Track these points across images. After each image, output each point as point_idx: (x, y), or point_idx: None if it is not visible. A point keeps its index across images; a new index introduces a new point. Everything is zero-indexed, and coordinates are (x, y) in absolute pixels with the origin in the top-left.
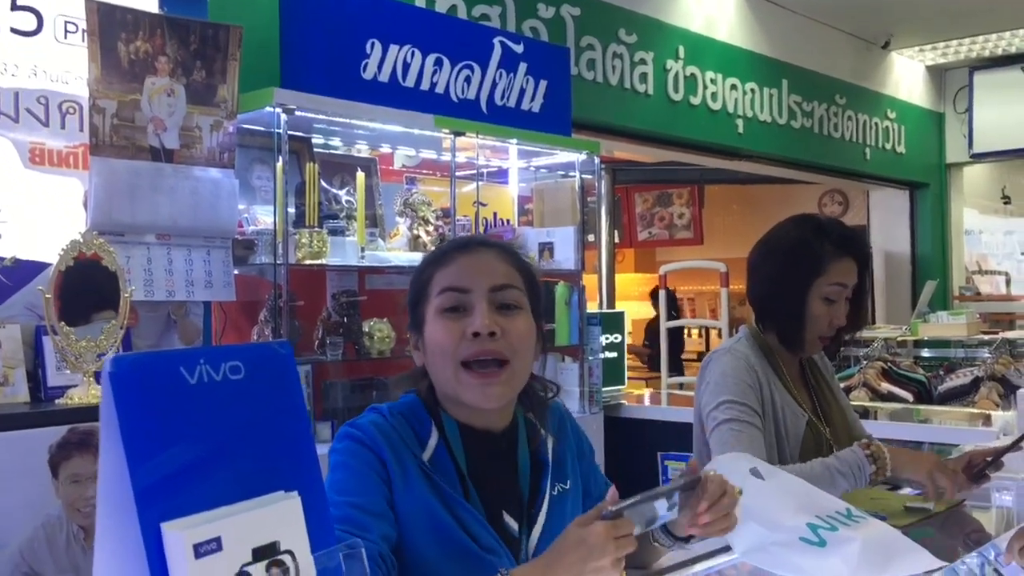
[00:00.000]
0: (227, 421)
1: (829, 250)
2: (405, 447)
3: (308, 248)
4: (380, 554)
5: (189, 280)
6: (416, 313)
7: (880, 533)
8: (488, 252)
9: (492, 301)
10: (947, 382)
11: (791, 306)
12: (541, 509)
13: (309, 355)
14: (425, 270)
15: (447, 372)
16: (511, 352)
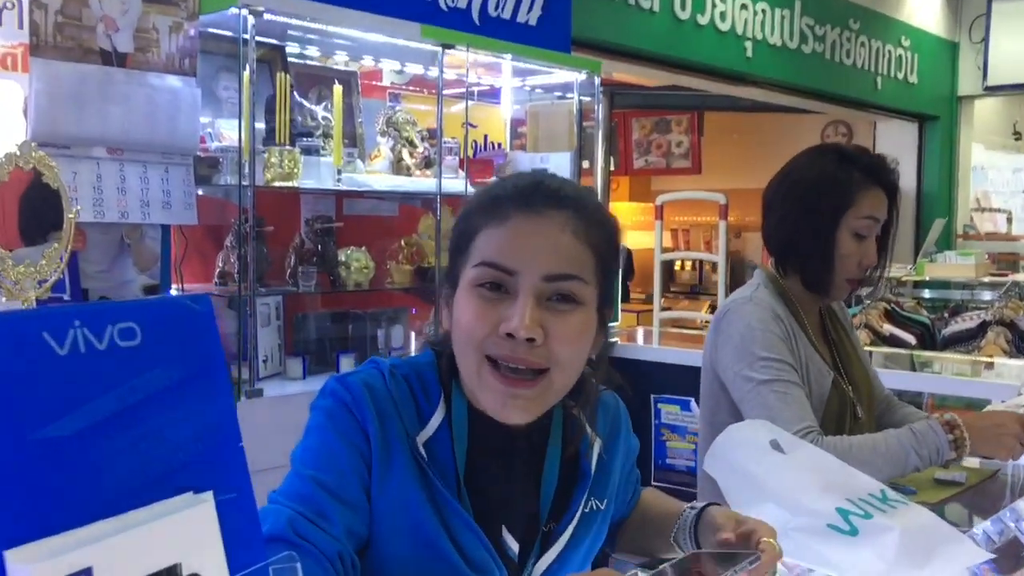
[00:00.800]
0: (113, 404)
1: (858, 179)
2: (399, 422)
3: (278, 168)
4: (340, 554)
5: (144, 200)
6: (453, 266)
7: (920, 521)
8: (557, 217)
9: (542, 293)
10: (952, 325)
11: (818, 245)
12: (566, 529)
13: (280, 285)
14: (471, 216)
15: (468, 360)
16: (552, 363)
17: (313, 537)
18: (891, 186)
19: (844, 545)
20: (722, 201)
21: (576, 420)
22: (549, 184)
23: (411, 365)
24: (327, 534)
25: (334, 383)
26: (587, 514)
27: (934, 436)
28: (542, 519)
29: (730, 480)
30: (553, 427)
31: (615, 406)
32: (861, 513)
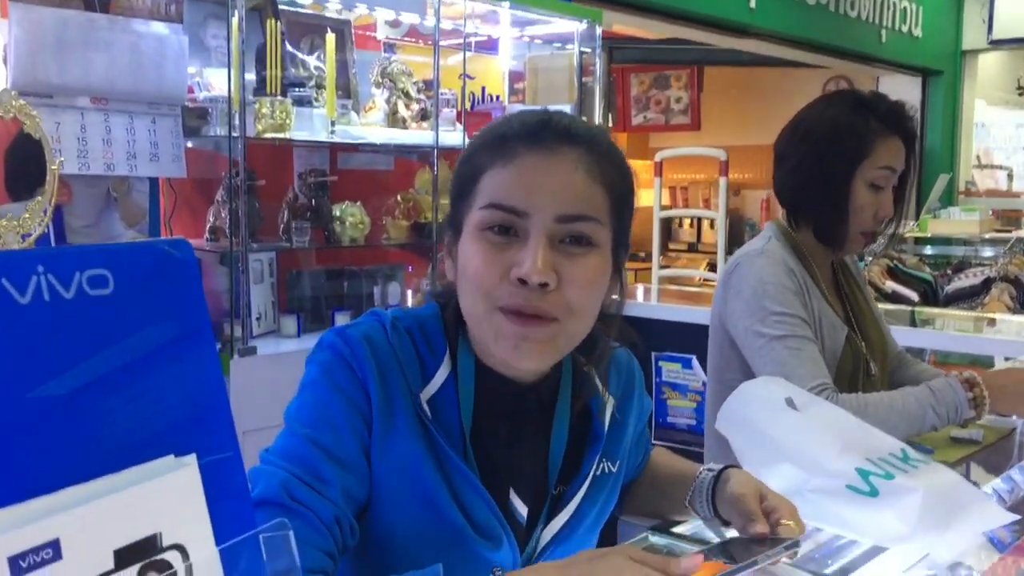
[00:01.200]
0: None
1: (875, 128)
2: (401, 378)
3: (269, 120)
4: (337, 518)
5: (131, 152)
6: (456, 211)
7: (943, 481)
8: (569, 154)
9: (555, 235)
10: (955, 282)
11: (832, 197)
12: (577, 493)
13: (273, 241)
14: (475, 156)
15: (477, 310)
16: (564, 310)
17: (308, 501)
18: (909, 134)
19: (864, 507)
20: (723, 157)
21: (587, 377)
22: (559, 121)
23: (414, 317)
24: (323, 497)
25: (332, 335)
26: (598, 477)
27: (953, 394)
28: (551, 482)
29: (743, 439)
30: (563, 384)
31: (628, 363)
32: (882, 473)
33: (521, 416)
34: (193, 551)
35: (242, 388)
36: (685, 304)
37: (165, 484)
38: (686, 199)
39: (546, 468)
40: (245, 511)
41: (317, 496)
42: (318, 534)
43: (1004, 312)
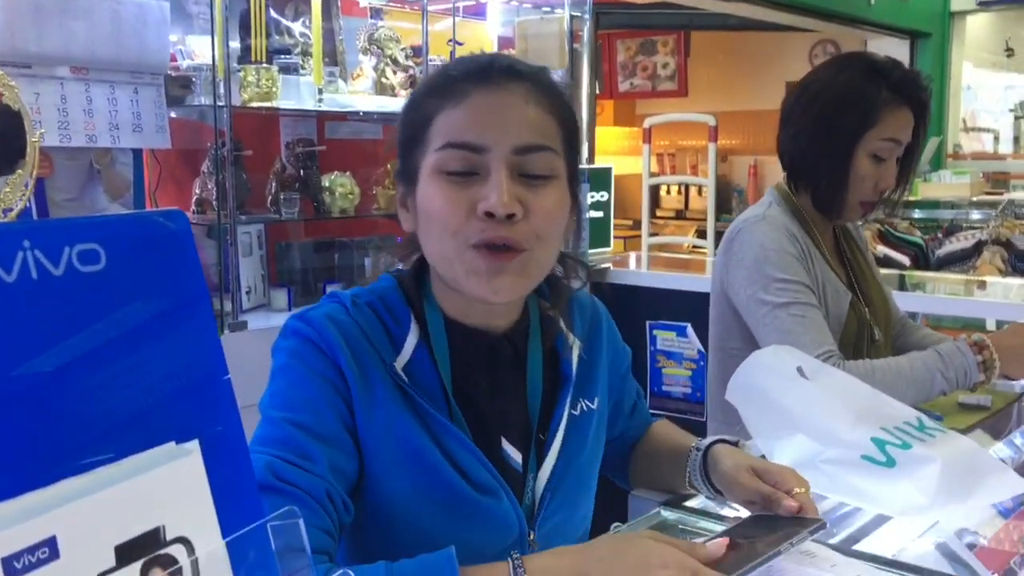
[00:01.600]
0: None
1: (886, 97)
2: (372, 351)
3: (255, 88)
4: (328, 493)
5: (113, 123)
6: (408, 160)
7: (961, 450)
8: (517, 88)
9: (515, 166)
10: (946, 246)
11: (833, 164)
12: (557, 433)
13: (261, 212)
14: (423, 103)
15: (446, 253)
16: (532, 240)
17: (296, 479)
18: (921, 105)
19: (881, 478)
20: (712, 123)
21: (552, 320)
22: (502, 60)
23: (372, 292)
24: (311, 474)
25: (294, 321)
26: (577, 417)
27: (961, 358)
28: (533, 427)
29: (754, 410)
30: (532, 329)
31: (591, 306)
32: (898, 443)
33: (498, 365)
34: (199, 544)
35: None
36: (678, 272)
37: (167, 473)
38: (673, 166)
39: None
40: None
41: (305, 474)
42: (312, 513)
43: (996, 275)
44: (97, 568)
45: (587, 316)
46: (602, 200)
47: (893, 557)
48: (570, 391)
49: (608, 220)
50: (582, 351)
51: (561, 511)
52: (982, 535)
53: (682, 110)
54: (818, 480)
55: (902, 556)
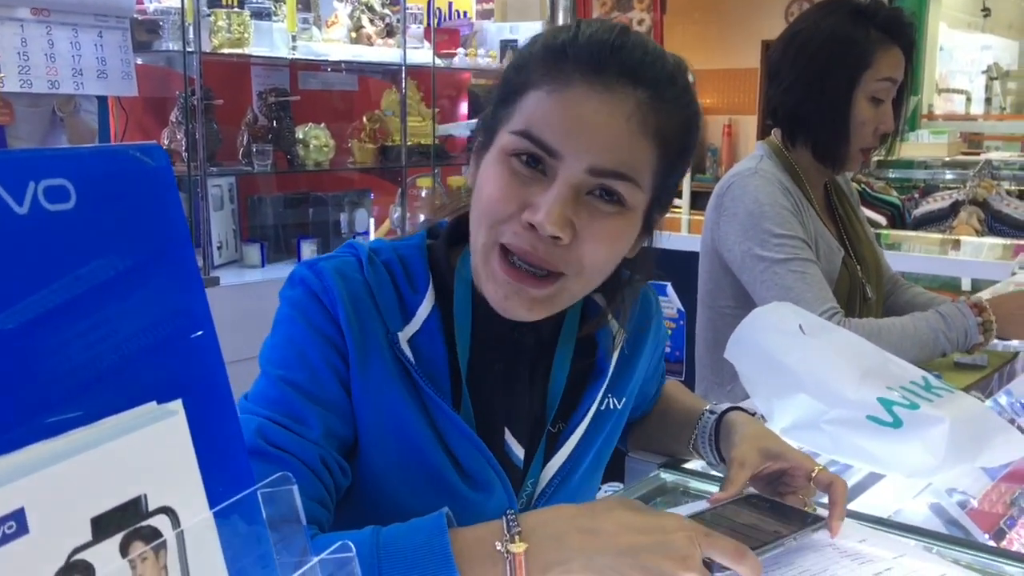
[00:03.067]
0: (42, 287)
1: (875, 37)
2: (377, 318)
3: (226, 33)
4: (322, 459)
5: (77, 68)
6: (492, 118)
7: (969, 410)
8: (627, 99)
9: (583, 186)
10: (923, 206)
11: (833, 112)
12: (578, 427)
13: (232, 165)
14: (527, 68)
15: (479, 240)
16: (572, 267)
17: (288, 444)
18: (909, 42)
19: (888, 438)
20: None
21: (597, 307)
22: (631, 52)
23: (395, 249)
24: (304, 439)
25: (303, 269)
26: (601, 412)
27: (962, 319)
28: (549, 419)
29: (755, 369)
30: (568, 315)
31: (644, 296)
32: (905, 403)
33: (518, 351)
34: (184, 514)
35: None
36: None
37: (148, 436)
38: None
39: (544, 404)
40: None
41: (297, 439)
42: (304, 480)
43: (972, 235)
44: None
45: (638, 308)
46: None
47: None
48: (603, 386)
49: None
50: (625, 346)
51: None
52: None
53: None
54: (821, 441)
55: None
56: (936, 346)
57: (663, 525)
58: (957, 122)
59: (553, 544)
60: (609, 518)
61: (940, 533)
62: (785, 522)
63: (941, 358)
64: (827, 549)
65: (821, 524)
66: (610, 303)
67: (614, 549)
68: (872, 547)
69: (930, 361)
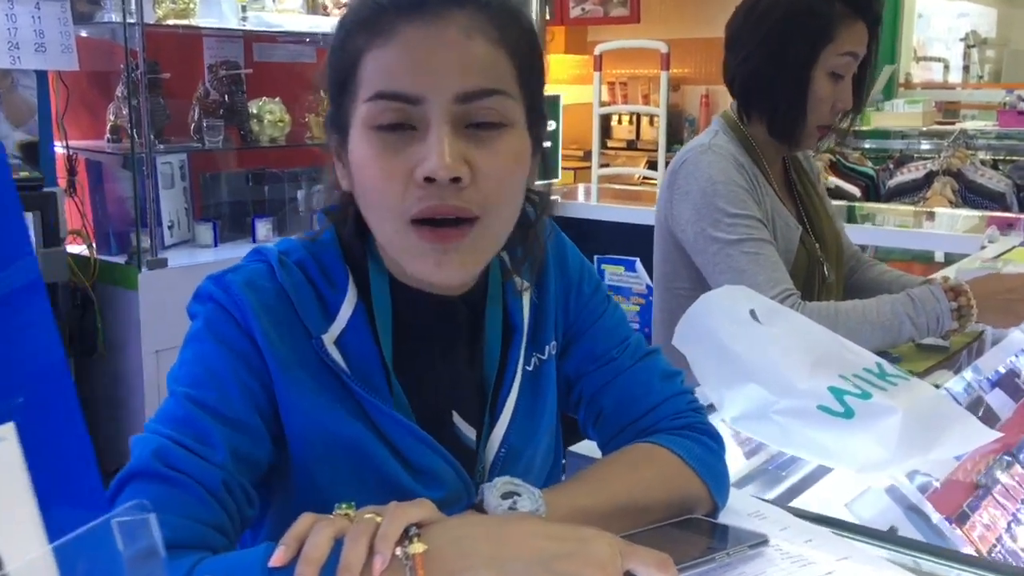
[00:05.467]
0: None
1: (839, 11)
2: (297, 324)
3: (170, 4)
4: (225, 482)
5: (12, 42)
6: (338, 107)
7: (924, 399)
8: (457, 18)
9: (459, 118)
10: (897, 176)
11: (790, 86)
12: (509, 394)
13: (183, 141)
14: (349, 39)
15: (385, 228)
16: (484, 205)
17: (188, 467)
18: (875, 17)
19: (838, 429)
20: (664, 50)
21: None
22: None
23: (306, 248)
24: (207, 462)
25: (210, 284)
26: (531, 373)
27: (935, 303)
28: (489, 390)
29: (704, 357)
30: (491, 284)
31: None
32: (857, 392)
33: (451, 331)
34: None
35: (152, 304)
36: (627, 204)
37: None
38: (625, 95)
39: (483, 379)
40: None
41: (199, 460)
42: (200, 504)
43: (946, 206)
44: None
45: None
46: (549, 130)
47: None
48: (521, 344)
49: (556, 151)
50: (533, 294)
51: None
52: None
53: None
54: (770, 432)
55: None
56: (901, 331)
57: (580, 534)
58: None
59: (456, 548)
60: (521, 525)
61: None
62: (722, 540)
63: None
64: (769, 550)
65: (761, 541)
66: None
67: (526, 555)
68: (816, 549)
69: (895, 347)
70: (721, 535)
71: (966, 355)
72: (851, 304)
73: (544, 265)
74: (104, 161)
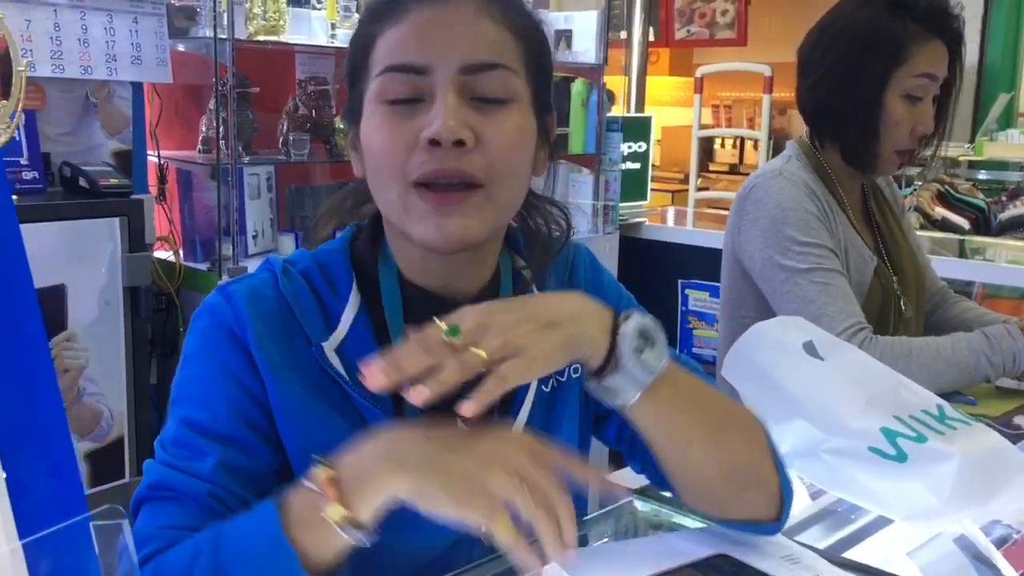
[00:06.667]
0: None
1: (913, 31)
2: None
3: (261, 21)
4: (210, 492)
5: (111, 54)
6: (353, 93)
7: (985, 446)
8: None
9: (465, 88)
10: (1010, 209)
11: (862, 110)
12: (520, 413)
13: (271, 154)
14: (365, 28)
15: (391, 194)
16: (488, 172)
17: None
18: (953, 36)
19: (889, 473)
20: (767, 73)
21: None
22: None
23: (313, 257)
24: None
25: (215, 295)
26: (548, 393)
27: (1011, 341)
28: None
29: (752, 390)
30: (503, 291)
31: (566, 255)
32: (912, 435)
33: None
34: None
35: None
36: (717, 229)
37: None
38: (730, 118)
39: None
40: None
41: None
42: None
43: None
44: None
45: (564, 267)
46: (639, 151)
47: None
48: None
49: (645, 172)
50: None
51: None
52: (1016, 530)
53: (741, 60)
54: (820, 472)
55: (917, 553)
56: (978, 370)
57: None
58: None
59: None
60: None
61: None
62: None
63: (984, 384)
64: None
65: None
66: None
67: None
68: None
69: (972, 387)
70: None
71: None
72: (925, 340)
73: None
74: (194, 171)
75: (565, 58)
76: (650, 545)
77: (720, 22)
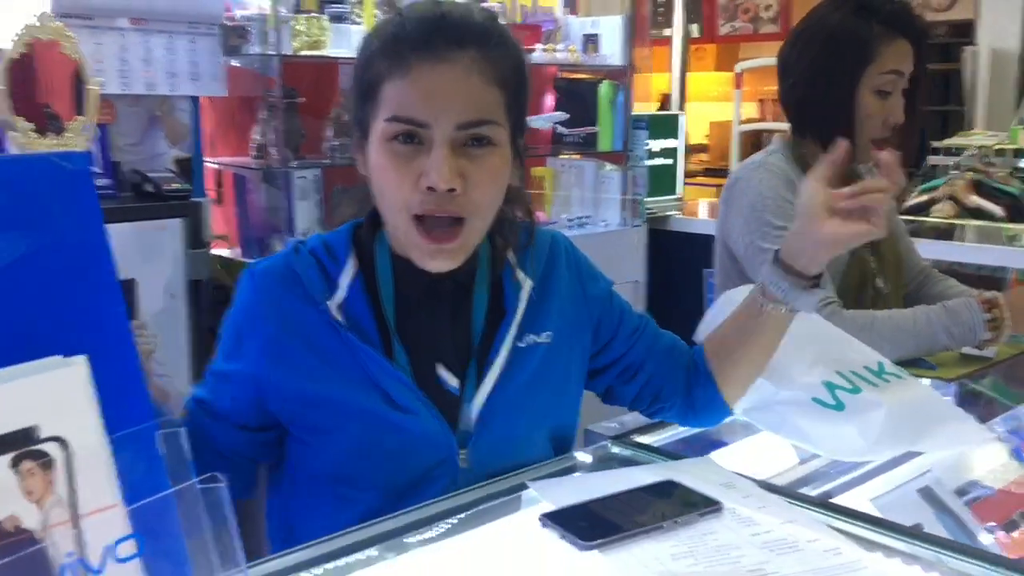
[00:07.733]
0: None
1: (879, 31)
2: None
3: (305, 37)
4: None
5: (171, 72)
6: (362, 113)
7: (914, 397)
8: (462, 60)
9: (456, 141)
10: None
11: (837, 107)
12: (495, 362)
13: (318, 158)
14: (372, 63)
15: (395, 220)
16: (471, 209)
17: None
18: (917, 34)
19: (827, 420)
20: None
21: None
22: (450, 21)
23: (321, 238)
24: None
25: (245, 275)
26: (523, 349)
27: (969, 314)
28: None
29: None
30: (480, 266)
31: (548, 242)
32: (849, 387)
33: (438, 298)
34: (72, 442)
35: None
36: None
37: (47, 380)
38: (776, 112)
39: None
40: (140, 409)
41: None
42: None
43: None
44: None
45: (543, 253)
46: (669, 147)
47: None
48: (511, 325)
49: (675, 167)
50: (532, 291)
51: (498, 435)
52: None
53: None
54: (771, 420)
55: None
56: (935, 340)
57: None
58: None
59: None
60: None
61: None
62: (677, 507)
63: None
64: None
65: (713, 510)
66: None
67: None
68: (765, 514)
69: (932, 354)
70: (683, 501)
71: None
72: (887, 313)
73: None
74: (247, 175)
75: (593, 61)
76: (612, 476)
77: (764, 17)
